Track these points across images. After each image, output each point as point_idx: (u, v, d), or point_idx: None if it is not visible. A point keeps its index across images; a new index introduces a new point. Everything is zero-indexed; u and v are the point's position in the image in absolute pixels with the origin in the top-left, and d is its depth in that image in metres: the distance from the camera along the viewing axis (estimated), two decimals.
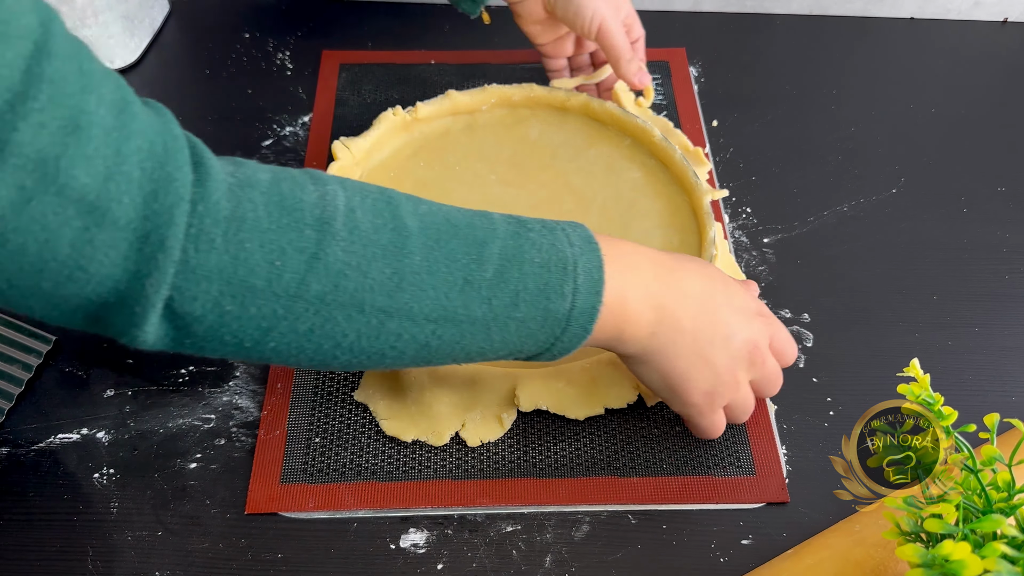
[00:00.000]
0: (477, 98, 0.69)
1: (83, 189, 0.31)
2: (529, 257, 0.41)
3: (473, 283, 0.40)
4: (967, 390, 0.55)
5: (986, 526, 0.36)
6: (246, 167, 0.38)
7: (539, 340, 0.42)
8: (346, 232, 0.37)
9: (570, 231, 0.43)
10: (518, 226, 0.42)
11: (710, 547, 0.49)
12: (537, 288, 0.41)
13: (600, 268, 0.42)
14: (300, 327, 0.37)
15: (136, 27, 0.76)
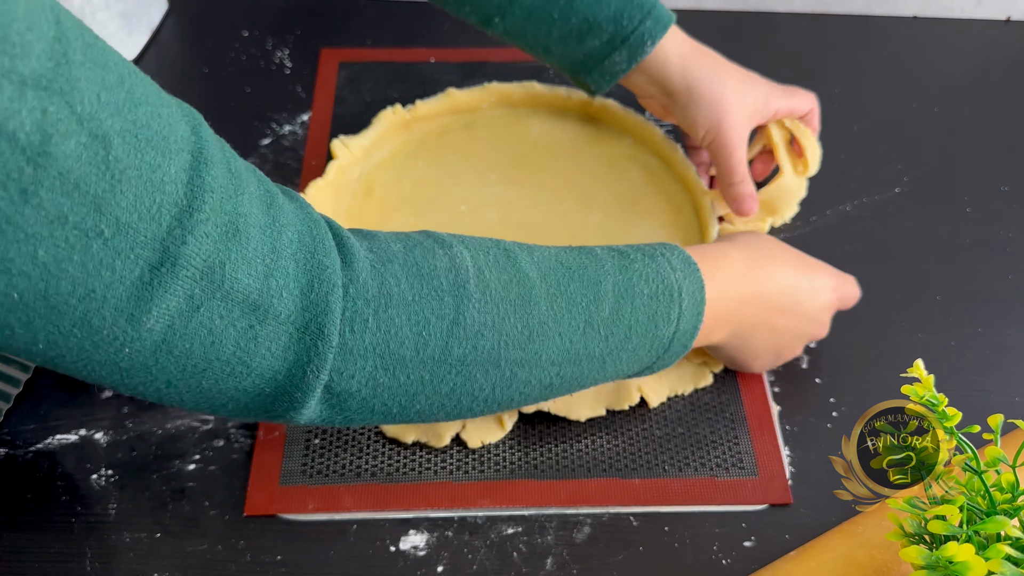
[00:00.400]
0: (477, 96, 0.69)
1: (247, 290, 0.32)
2: (639, 290, 0.42)
3: (593, 324, 0.41)
4: (970, 391, 0.55)
5: (990, 528, 0.36)
6: (378, 240, 0.39)
7: (643, 363, 0.44)
8: (479, 293, 0.38)
9: (669, 255, 0.45)
10: (622, 259, 0.44)
11: (712, 549, 0.49)
12: (647, 318, 0.42)
13: (702, 288, 0.44)
14: (443, 388, 0.39)
15: (134, 25, 0.75)
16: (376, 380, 0.37)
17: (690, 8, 0.82)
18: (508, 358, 0.39)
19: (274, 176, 0.67)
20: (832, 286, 0.52)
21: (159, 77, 0.58)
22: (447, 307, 0.37)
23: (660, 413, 0.54)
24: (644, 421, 0.53)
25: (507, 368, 0.39)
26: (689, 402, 0.54)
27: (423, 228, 0.61)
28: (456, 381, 0.39)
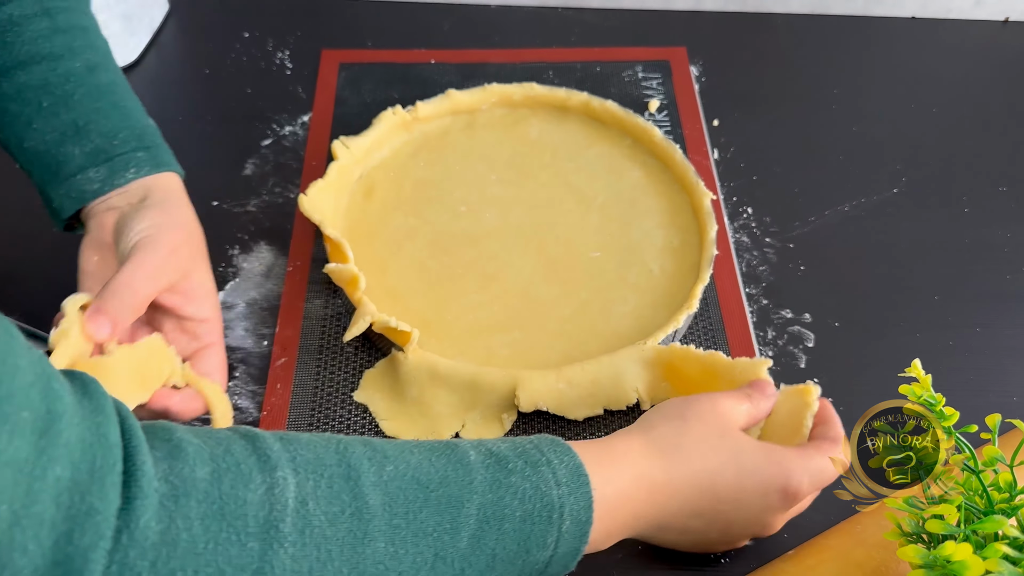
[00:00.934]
0: (477, 97, 0.69)
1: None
2: (510, 512, 0.36)
3: (445, 558, 0.35)
4: (969, 390, 0.55)
5: (988, 527, 0.36)
6: (184, 459, 0.32)
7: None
8: (296, 534, 0.32)
9: (556, 463, 0.38)
10: (497, 469, 0.37)
11: None
12: (517, 545, 0.37)
13: (589, 508, 0.38)
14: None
15: (136, 26, 0.76)
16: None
17: (689, 9, 0.82)
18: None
19: (275, 176, 0.67)
20: (778, 487, 0.43)
21: (160, 78, 0.58)
22: (249, 555, 0.31)
23: None
24: None
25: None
26: None
27: (423, 229, 0.62)
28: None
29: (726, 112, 0.73)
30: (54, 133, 0.49)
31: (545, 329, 0.57)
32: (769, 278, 0.61)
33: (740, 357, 0.50)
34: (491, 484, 0.37)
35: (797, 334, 0.58)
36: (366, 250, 0.61)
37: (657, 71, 0.75)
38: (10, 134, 0.50)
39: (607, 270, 0.60)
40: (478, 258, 0.60)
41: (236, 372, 0.56)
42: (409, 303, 0.58)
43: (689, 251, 0.60)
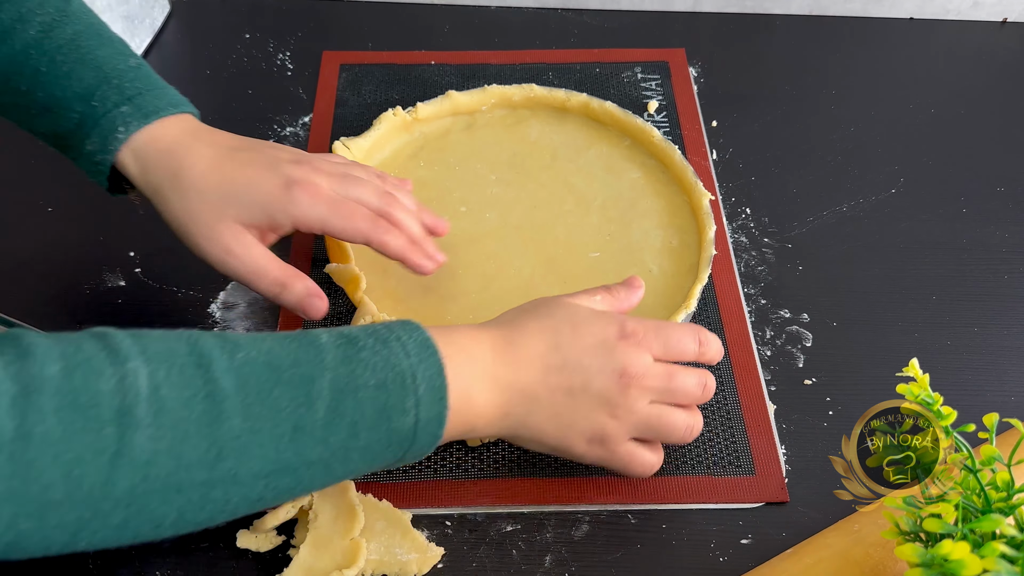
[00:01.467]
0: (477, 98, 0.69)
1: None
2: (364, 382, 0.38)
3: (304, 428, 0.37)
4: (966, 390, 0.55)
5: (985, 526, 0.36)
6: (33, 359, 0.33)
7: (386, 458, 0.40)
8: (151, 417, 0.34)
9: (406, 338, 0.40)
10: (349, 347, 0.39)
11: (709, 547, 0.49)
12: (376, 412, 0.38)
13: (441, 373, 0.40)
14: (112, 522, 0.34)
15: (136, 27, 0.76)
16: (18, 527, 0.32)
17: (688, 10, 0.82)
18: (192, 481, 0.35)
19: None
20: (615, 332, 0.45)
21: (161, 78, 0.58)
22: (107, 439, 0.33)
23: None
24: None
25: (193, 491, 0.35)
26: None
27: None
28: (128, 513, 0.34)
29: (725, 113, 0.73)
30: (46, 117, 0.48)
31: None
32: (767, 278, 0.62)
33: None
34: (343, 360, 0.38)
35: (795, 334, 0.59)
36: (366, 250, 0.61)
37: (656, 72, 0.76)
38: (14, 119, 0.50)
39: (606, 270, 0.60)
40: (478, 258, 0.61)
41: None
42: (410, 303, 0.58)
43: (688, 251, 0.61)
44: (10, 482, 0.31)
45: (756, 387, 0.55)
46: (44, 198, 0.65)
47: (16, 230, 0.64)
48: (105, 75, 0.48)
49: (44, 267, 0.61)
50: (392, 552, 0.47)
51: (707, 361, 0.48)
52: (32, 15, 0.48)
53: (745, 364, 0.56)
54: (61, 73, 0.48)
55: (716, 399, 0.55)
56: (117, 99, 0.48)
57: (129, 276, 0.61)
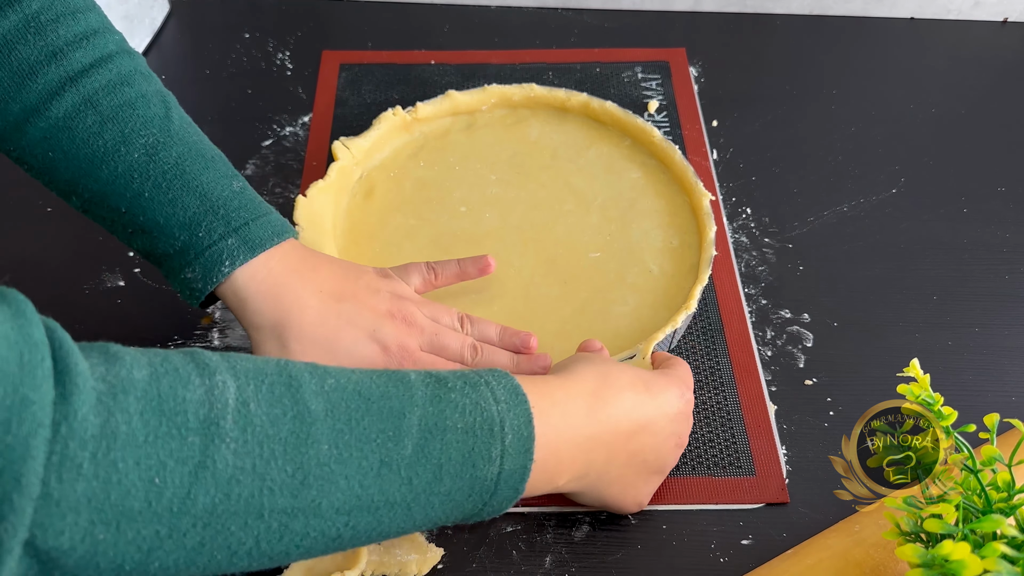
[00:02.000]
0: (477, 98, 0.69)
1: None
2: (452, 423, 0.37)
3: (391, 464, 0.36)
4: (967, 390, 0.55)
5: (986, 526, 0.36)
6: (121, 364, 0.33)
7: (466, 509, 0.39)
8: (237, 431, 0.33)
9: (495, 384, 0.40)
10: (438, 387, 0.39)
11: (710, 547, 0.49)
12: (462, 457, 0.37)
13: (530, 423, 0.39)
14: (188, 543, 0.32)
15: (136, 27, 0.76)
16: (95, 536, 0.30)
17: (689, 10, 0.82)
18: (274, 507, 0.33)
19: (275, 177, 0.67)
20: (677, 394, 0.47)
21: (160, 78, 0.58)
22: (191, 448, 0.32)
23: None
24: None
25: (273, 519, 0.34)
26: None
27: (424, 229, 0.62)
28: (205, 535, 0.32)
29: (725, 113, 0.73)
30: (143, 237, 0.48)
31: (545, 329, 0.57)
32: (768, 278, 0.62)
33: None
34: (431, 399, 0.38)
35: (796, 334, 0.59)
36: (366, 250, 0.61)
37: (656, 72, 0.76)
38: (107, 229, 0.49)
39: (607, 270, 0.60)
40: None
41: None
42: None
43: (688, 252, 0.60)
44: (91, 483, 0.30)
45: (756, 388, 0.55)
46: (44, 198, 0.65)
47: (16, 230, 0.64)
48: (211, 204, 0.47)
49: (44, 267, 0.61)
50: (392, 552, 0.47)
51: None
52: (136, 136, 0.47)
53: (745, 365, 0.56)
54: (165, 200, 0.47)
55: (716, 399, 0.55)
56: (223, 231, 0.47)
57: (129, 276, 0.61)
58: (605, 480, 0.45)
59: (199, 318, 0.59)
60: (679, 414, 0.47)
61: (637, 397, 0.45)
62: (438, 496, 0.37)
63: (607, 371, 0.45)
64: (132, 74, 0.48)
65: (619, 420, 0.44)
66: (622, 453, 0.44)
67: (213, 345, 0.57)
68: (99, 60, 0.47)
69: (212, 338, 0.58)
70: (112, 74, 0.47)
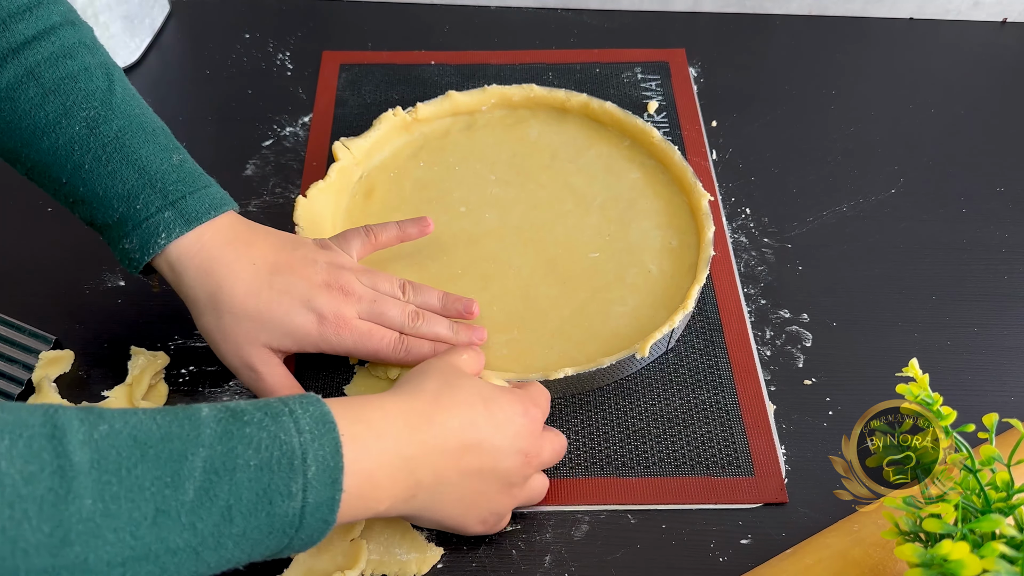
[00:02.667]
0: (477, 98, 0.69)
1: None
2: (243, 462, 0.35)
3: (169, 512, 0.34)
4: (966, 390, 0.55)
5: (985, 526, 0.36)
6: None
7: (269, 546, 0.37)
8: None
9: (300, 413, 0.38)
10: (231, 422, 0.36)
11: (709, 547, 0.49)
12: (255, 495, 0.35)
13: (338, 452, 0.37)
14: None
15: (136, 27, 0.76)
16: None
17: (688, 10, 0.82)
18: (31, 568, 0.31)
19: (275, 177, 0.68)
20: (520, 411, 0.45)
21: (161, 79, 0.58)
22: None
23: (657, 412, 0.54)
24: (641, 420, 0.54)
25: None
26: (686, 401, 0.55)
27: None
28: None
29: (725, 113, 0.73)
30: (84, 207, 0.49)
31: (544, 329, 0.57)
32: (767, 278, 0.62)
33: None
34: (221, 436, 0.36)
35: (795, 334, 0.59)
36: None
37: (656, 73, 0.76)
38: (50, 194, 0.51)
39: (606, 271, 0.60)
40: (477, 258, 0.61)
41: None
42: None
43: (687, 252, 0.61)
44: None
45: (755, 388, 0.55)
46: (44, 198, 0.64)
47: (16, 230, 0.64)
48: (149, 177, 0.48)
49: (44, 267, 0.61)
50: (391, 552, 0.47)
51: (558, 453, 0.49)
52: (77, 109, 0.48)
53: (744, 365, 0.56)
54: (105, 173, 0.48)
55: (715, 399, 0.55)
56: (160, 203, 0.48)
57: (129, 276, 0.61)
58: (439, 501, 0.43)
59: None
60: (522, 431, 0.45)
61: (471, 413, 0.43)
62: (231, 538, 0.35)
63: (445, 387, 0.44)
64: (76, 46, 0.49)
65: (447, 438, 0.42)
66: (453, 472, 0.43)
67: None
68: (42, 32, 0.48)
69: None
70: (55, 46, 0.48)
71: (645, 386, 0.55)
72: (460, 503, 0.44)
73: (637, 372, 0.56)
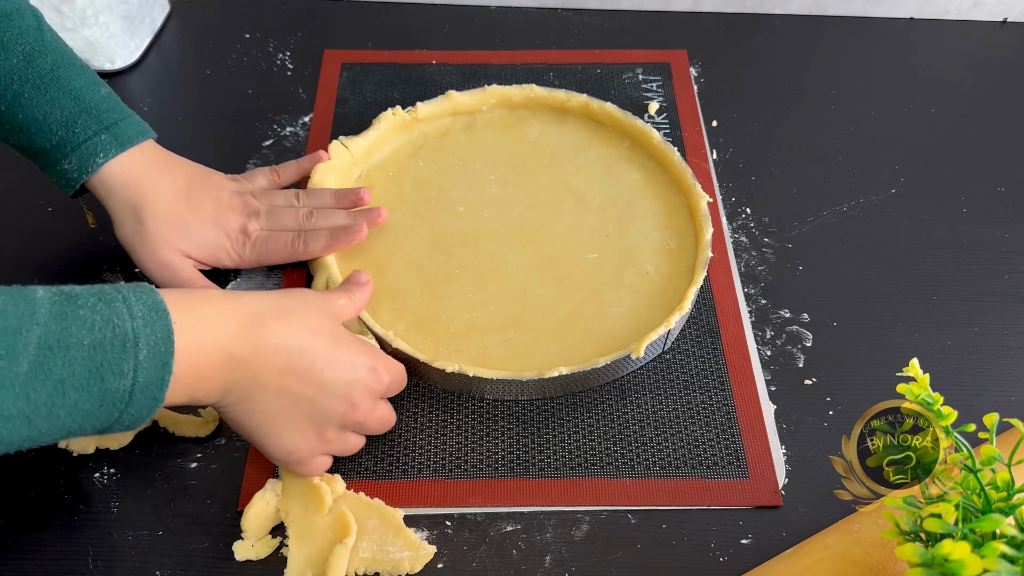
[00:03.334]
0: (477, 98, 0.69)
1: None
2: (77, 340, 0.37)
3: (3, 383, 0.36)
4: (966, 390, 0.55)
5: (985, 526, 0.36)
6: None
7: (100, 418, 0.39)
8: None
9: (133, 300, 0.40)
10: (66, 303, 0.38)
11: (709, 547, 0.49)
12: (88, 372, 0.38)
13: (168, 339, 0.40)
14: None
15: (136, 27, 0.76)
16: None
17: (688, 10, 0.82)
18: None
19: None
20: (367, 365, 0.47)
21: (161, 79, 0.58)
22: None
23: (653, 414, 0.54)
24: (637, 421, 0.54)
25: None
26: (682, 404, 0.55)
27: (422, 228, 0.62)
28: None
29: (725, 113, 0.73)
30: (21, 134, 0.53)
31: (541, 329, 0.57)
32: (767, 278, 0.62)
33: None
34: (56, 316, 0.38)
35: (795, 334, 0.59)
36: (364, 249, 0.61)
37: (657, 73, 0.76)
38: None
39: (603, 271, 0.60)
40: (475, 258, 0.61)
41: None
42: (406, 302, 0.58)
43: (685, 253, 0.60)
44: None
45: (751, 390, 0.55)
46: (44, 198, 0.65)
47: (16, 230, 0.64)
48: (84, 105, 0.53)
49: (44, 267, 0.61)
50: (384, 550, 0.48)
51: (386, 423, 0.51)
52: (14, 44, 0.52)
53: (741, 367, 0.56)
54: (44, 101, 0.52)
55: (711, 402, 0.55)
56: (96, 128, 0.53)
57: (129, 276, 0.61)
58: (250, 409, 0.45)
59: None
60: (358, 382, 0.47)
61: (313, 341, 0.46)
62: (63, 408, 0.38)
63: (298, 309, 0.46)
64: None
65: (276, 351, 0.44)
66: (271, 387, 0.44)
67: None
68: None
69: None
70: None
71: (641, 387, 0.55)
72: (268, 419, 0.46)
73: (633, 373, 0.56)
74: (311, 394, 0.46)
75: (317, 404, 0.46)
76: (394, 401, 0.54)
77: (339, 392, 0.46)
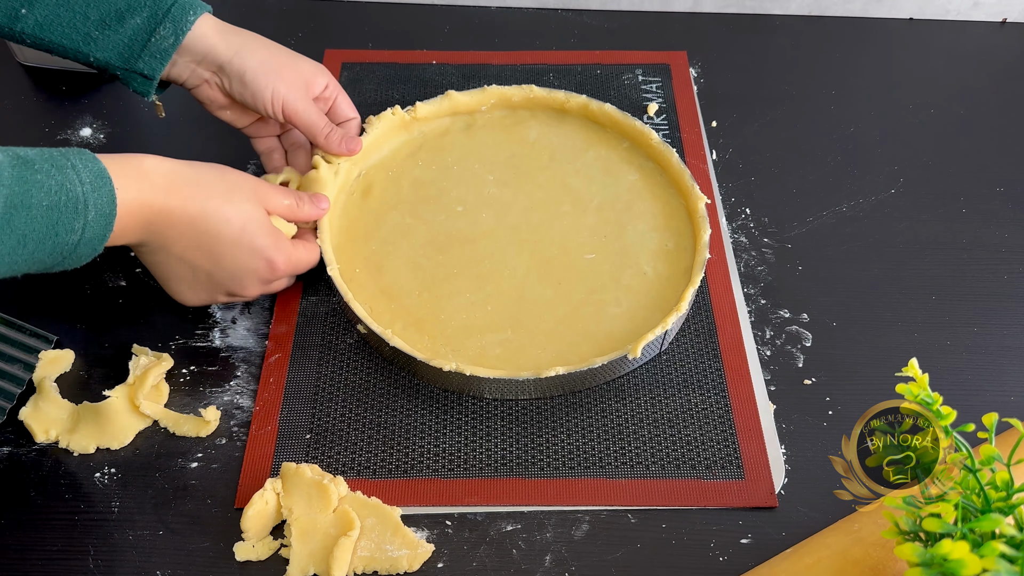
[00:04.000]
0: (477, 99, 0.69)
1: None
2: (37, 202, 0.43)
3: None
4: (966, 390, 0.56)
5: (985, 525, 0.36)
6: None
7: (45, 264, 0.46)
8: None
9: (80, 167, 0.45)
10: (24, 168, 0.43)
11: (709, 546, 0.49)
12: (45, 229, 0.43)
13: (112, 203, 0.46)
14: None
15: None
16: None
17: (688, 11, 0.82)
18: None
19: None
20: (267, 257, 0.53)
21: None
22: None
23: (650, 414, 0.54)
24: (635, 421, 0.54)
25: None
26: (679, 404, 0.55)
27: (420, 228, 0.62)
28: None
29: (724, 113, 0.73)
30: (112, 15, 0.55)
31: (538, 329, 0.57)
32: (767, 278, 0.62)
33: None
34: (18, 180, 0.43)
35: (795, 334, 0.59)
36: (362, 248, 0.61)
37: (657, 75, 0.76)
38: (75, 36, 0.55)
39: (601, 272, 0.60)
40: (473, 258, 0.61)
41: (238, 372, 0.56)
42: (403, 302, 0.58)
43: (683, 254, 0.61)
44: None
45: (748, 391, 0.55)
46: None
47: None
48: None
49: None
50: (382, 548, 0.48)
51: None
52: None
53: (738, 368, 0.56)
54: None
55: (708, 402, 0.55)
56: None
57: (129, 276, 0.61)
58: (155, 259, 0.52)
59: (200, 318, 0.59)
60: (255, 272, 0.53)
61: (224, 227, 0.51)
62: (22, 257, 0.43)
63: (230, 189, 0.52)
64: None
65: (188, 224, 0.50)
66: (174, 252, 0.51)
67: (214, 345, 0.58)
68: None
69: (213, 337, 0.58)
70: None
71: (639, 388, 0.56)
72: (167, 273, 0.53)
73: (631, 373, 0.56)
74: (207, 268, 0.52)
75: (212, 276, 0.53)
76: (393, 401, 0.54)
77: (232, 275, 0.53)
